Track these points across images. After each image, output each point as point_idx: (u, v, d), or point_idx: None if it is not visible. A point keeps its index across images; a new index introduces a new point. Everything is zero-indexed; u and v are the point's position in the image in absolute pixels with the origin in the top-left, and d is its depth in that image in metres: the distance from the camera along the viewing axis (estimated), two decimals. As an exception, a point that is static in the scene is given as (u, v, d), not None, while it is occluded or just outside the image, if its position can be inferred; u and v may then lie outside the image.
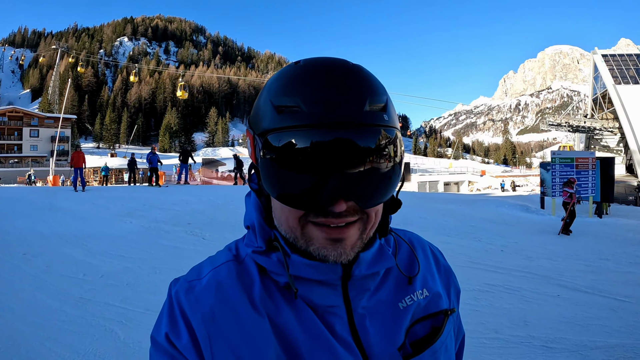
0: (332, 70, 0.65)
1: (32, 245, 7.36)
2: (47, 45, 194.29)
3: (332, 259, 0.65)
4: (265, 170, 0.65)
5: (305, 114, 0.60)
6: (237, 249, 0.80)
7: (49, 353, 3.74)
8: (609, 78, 47.99)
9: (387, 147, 0.63)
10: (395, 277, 0.79)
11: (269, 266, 0.72)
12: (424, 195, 22.26)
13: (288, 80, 0.66)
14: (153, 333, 0.73)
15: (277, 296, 0.71)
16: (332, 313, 0.71)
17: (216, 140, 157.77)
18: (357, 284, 0.72)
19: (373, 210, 0.67)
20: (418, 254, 0.84)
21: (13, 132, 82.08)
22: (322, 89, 0.62)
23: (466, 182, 55.36)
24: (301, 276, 0.69)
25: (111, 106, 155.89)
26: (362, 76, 0.66)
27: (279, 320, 0.69)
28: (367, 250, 0.71)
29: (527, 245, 9.11)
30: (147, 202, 12.63)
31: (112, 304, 5.00)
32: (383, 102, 0.65)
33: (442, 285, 0.85)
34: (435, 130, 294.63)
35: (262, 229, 0.74)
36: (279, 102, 0.63)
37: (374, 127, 0.62)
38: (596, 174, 16.48)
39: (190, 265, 0.83)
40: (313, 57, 0.71)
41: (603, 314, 5.27)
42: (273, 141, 0.62)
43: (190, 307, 0.69)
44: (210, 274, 0.74)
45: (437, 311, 0.79)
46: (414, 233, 0.91)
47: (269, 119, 0.64)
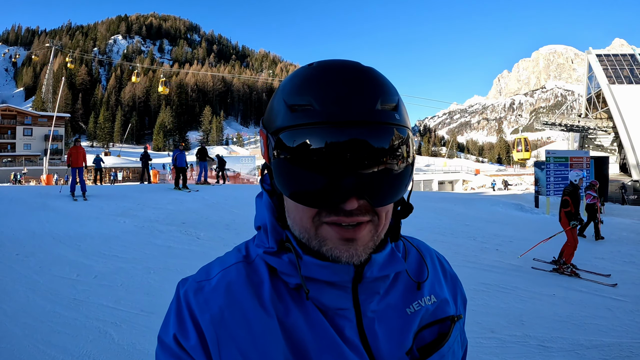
0: (344, 70, 0.66)
1: (25, 246, 7.30)
2: (41, 43, 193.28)
3: (345, 260, 0.66)
4: (277, 169, 0.66)
5: (318, 112, 0.61)
6: (247, 250, 0.79)
7: (42, 356, 3.70)
8: (603, 78, 48.29)
9: (399, 146, 0.64)
10: (404, 282, 0.79)
11: (280, 267, 0.71)
12: (418, 194, 22.25)
13: (301, 80, 0.67)
14: (160, 334, 0.72)
15: (286, 298, 0.71)
16: (341, 316, 0.71)
17: (210, 139, 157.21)
18: (368, 287, 0.71)
19: (383, 210, 0.68)
20: (427, 261, 0.84)
21: (6, 131, 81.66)
22: (334, 88, 0.63)
23: (460, 180, 55.55)
24: (313, 277, 0.69)
25: (105, 104, 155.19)
26: (374, 77, 0.66)
27: (288, 322, 0.69)
28: (379, 252, 0.71)
29: (522, 245, 9.12)
30: (140, 201, 12.57)
31: (106, 305, 4.97)
32: (395, 102, 0.66)
33: (449, 292, 0.86)
34: (430, 129, 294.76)
35: (274, 229, 0.74)
36: (292, 101, 0.64)
37: (386, 125, 0.63)
38: (590, 173, 16.56)
39: (185, 265, 0.82)
40: (326, 59, 0.72)
41: (599, 313, 5.29)
42: (286, 139, 0.63)
43: (199, 308, 0.69)
44: (219, 274, 0.74)
45: (445, 317, 0.79)
46: (421, 240, 0.92)
47: (282, 117, 0.65)
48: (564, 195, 7.98)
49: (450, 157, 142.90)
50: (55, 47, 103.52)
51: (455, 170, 69.80)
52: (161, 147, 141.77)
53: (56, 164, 60.95)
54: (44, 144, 78.39)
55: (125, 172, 45.39)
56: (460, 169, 71.20)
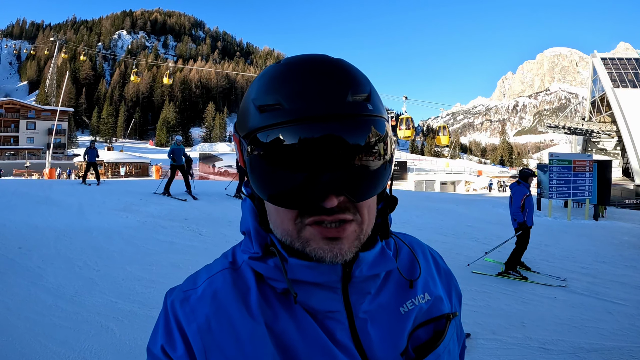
0: (312, 65, 0.64)
1: (28, 239, 7.32)
2: (45, 38, 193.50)
3: (329, 259, 0.63)
4: (252, 172, 0.64)
5: (287, 110, 0.59)
6: (234, 256, 0.78)
7: (44, 350, 3.71)
8: (607, 81, 48.21)
9: (374, 137, 0.62)
10: (396, 280, 0.77)
11: (265, 272, 0.70)
12: (420, 195, 22.25)
13: (269, 79, 0.64)
14: (149, 344, 0.71)
15: (274, 303, 0.69)
16: (332, 318, 0.69)
17: (213, 136, 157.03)
18: (358, 287, 0.69)
19: (365, 206, 0.65)
20: (419, 258, 0.82)
21: (10, 124, 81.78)
22: (302, 85, 0.61)
23: (463, 181, 55.44)
24: (300, 279, 0.67)
25: (109, 99, 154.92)
26: (342, 68, 0.64)
27: (277, 328, 0.67)
28: (368, 250, 0.69)
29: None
30: (143, 196, 12.58)
31: (108, 299, 4.98)
32: (366, 92, 0.63)
33: (444, 289, 0.84)
34: (433, 129, 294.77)
35: (257, 234, 0.72)
36: (260, 102, 0.62)
37: (358, 117, 0.60)
38: (593, 176, 16.51)
39: (187, 261, 0.82)
40: (295, 55, 0.70)
41: (600, 316, 5.29)
42: (257, 142, 0.61)
43: (186, 318, 0.68)
44: (205, 283, 0.73)
45: (439, 315, 0.78)
46: (414, 237, 0.89)
47: (252, 119, 0.63)
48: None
49: (453, 158, 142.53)
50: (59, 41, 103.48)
51: (458, 171, 69.67)
52: (164, 142, 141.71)
53: (59, 157, 61.04)
54: (47, 138, 78.40)
55: (128, 167, 45.47)
56: (463, 170, 71.06)
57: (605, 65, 49.85)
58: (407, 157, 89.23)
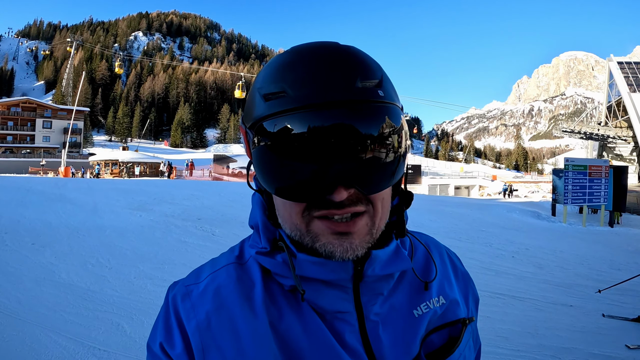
0: (318, 52, 0.61)
1: (41, 236, 7.39)
2: (62, 38, 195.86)
3: (339, 255, 0.60)
4: (258, 164, 0.61)
5: (292, 97, 0.56)
6: (241, 251, 0.75)
7: (54, 345, 3.73)
8: (624, 86, 47.50)
9: (386, 125, 0.58)
10: (410, 282, 0.73)
11: (273, 268, 0.67)
12: (434, 198, 22.15)
13: (274, 68, 0.62)
14: (149, 341, 0.70)
15: (280, 301, 0.67)
16: (341, 319, 0.66)
17: (228, 137, 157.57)
18: (370, 287, 0.66)
19: (379, 198, 0.62)
20: (435, 259, 0.78)
21: (26, 123, 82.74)
22: (307, 71, 0.58)
23: (477, 186, 55.05)
24: (308, 276, 0.64)
25: (124, 100, 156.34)
26: (351, 54, 0.62)
27: (281, 327, 0.64)
28: (383, 248, 0.65)
29: (538, 253, 9.00)
30: (156, 195, 12.66)
31: (119, 297, 5.00)
32: (377, 78, 0.60)
33: (460, 292, 0.80)
34: (447, 133, 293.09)
35: (266, 228, 0.69)
36: (265, 90, 0.60)
37: (368, 103, 0.57)
38: (609, 182, 16.31)
39: (199, 261, 0.78)
40: (303, 42, 0.67)
41: (615, 325, 5.18)
42: (262, 132, 0.58)
43: (186, 315, 0.66)
44: (208, 278, 0.70)
45: (455, 320, 0.74)
46: (431, 236, 0.85)
47: (257, 109, 0.60)
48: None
49: (467, 162, 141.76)
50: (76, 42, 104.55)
51: (472, 175, 69.25)
52: (179, 143, 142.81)
53: (74, 156, 61.68)
54: (62, 137, 79.17)
55: (142, 166, 45.75)
56: (477, 175, 70.60)
57: (621, 69, 49.12)
58: (422, 161, 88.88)
